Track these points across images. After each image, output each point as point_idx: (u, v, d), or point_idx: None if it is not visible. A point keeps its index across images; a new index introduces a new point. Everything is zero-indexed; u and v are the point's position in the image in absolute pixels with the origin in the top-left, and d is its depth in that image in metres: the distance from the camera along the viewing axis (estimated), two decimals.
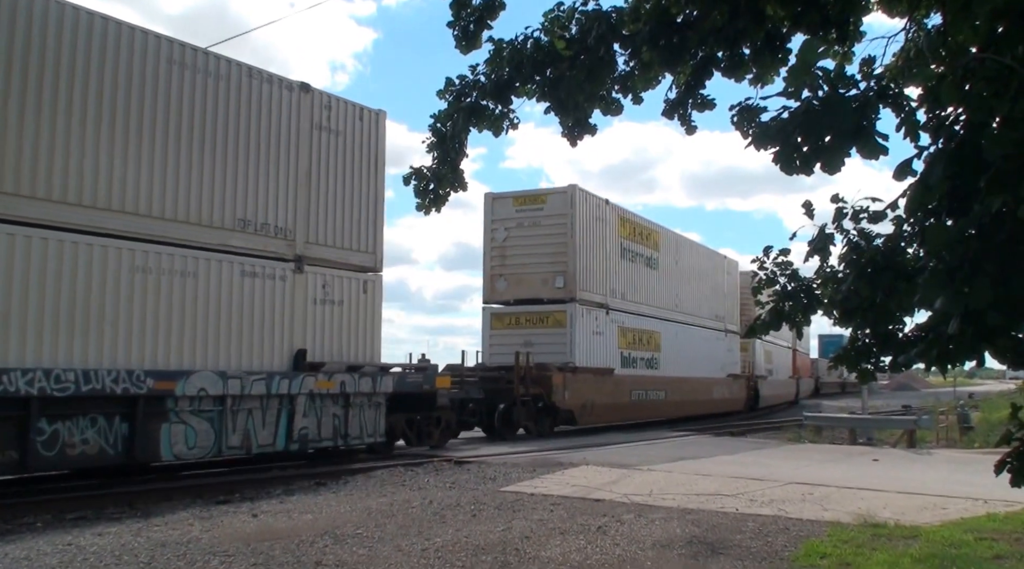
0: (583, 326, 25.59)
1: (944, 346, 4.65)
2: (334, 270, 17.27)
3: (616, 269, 28.14)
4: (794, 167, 5.39)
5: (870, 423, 26.48)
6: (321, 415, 15.99)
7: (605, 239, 27.46)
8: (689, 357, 33.51)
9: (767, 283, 7.88)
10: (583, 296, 25.64)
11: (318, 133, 17.05)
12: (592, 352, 26.17)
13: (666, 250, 32.61)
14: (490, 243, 26.60)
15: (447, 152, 8.71)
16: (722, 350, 38.27)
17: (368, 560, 8.31)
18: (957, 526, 10.04)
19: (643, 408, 29.46)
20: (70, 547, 8.74)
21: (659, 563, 8.35)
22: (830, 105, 5.19)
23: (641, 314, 29.97)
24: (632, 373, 28.76)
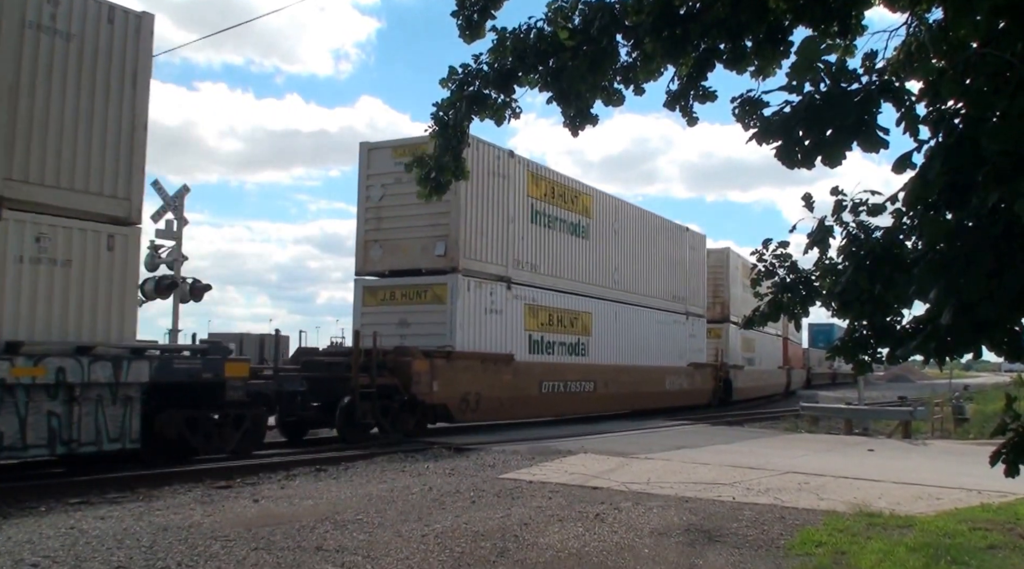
0: (470, 302, 21.21)
1: (942, 339, 4.69)
2: (58, 219, 12.97)
3: (524, 236, 23.63)
4: (795, 161, 5.43)
5: (866, 414, 26.58)
6: (26, 414, 11.79)
7: (508, 199, 22.95)
8: (633, 343, 29.37)
9: (766, 275, 7.92)
10: (470, 266, 21.27)
11: (34, 34, 12.77)
12: (484, 334, 21.76)
13: (601, 217, 28.00)
14: (364, 203, 22.51)
15: (449, 140, 8.76)
16: (681, 335, 33.68)
17: (368, 545, 8.37)
18: (951, 516, 10.12)
19: (561, 402, 25.08)
20: (72, 531, 8.80)
21: (656, 550, 8.42)
22: (832, 99, 5.22)
23: (562, 291, 25.46)
24: (546, 361, 24.28)
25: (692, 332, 34.83)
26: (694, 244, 36.05)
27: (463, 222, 21.14)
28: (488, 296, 22.00)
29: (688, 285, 34.77)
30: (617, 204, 29.69)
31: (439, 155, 9.00)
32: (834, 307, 6.98)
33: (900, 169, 5.20)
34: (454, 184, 17.68)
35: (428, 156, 9.18)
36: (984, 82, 4.40)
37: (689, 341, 34.44)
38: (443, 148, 8.92)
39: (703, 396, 35.18)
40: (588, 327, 26.76)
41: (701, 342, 36.02)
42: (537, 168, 24.97)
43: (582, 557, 8.13)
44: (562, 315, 25.44)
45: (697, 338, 35.52)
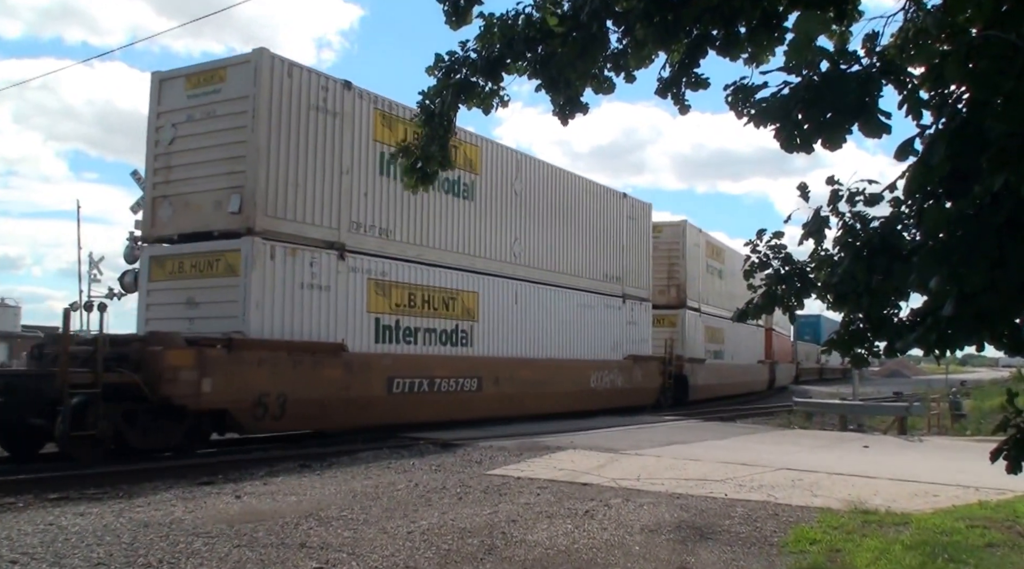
0: (274, 275, 16.22)
1: (942, 331, 4.55)
2: None
3: (368, 192, 18.73)
4: (794, 145, 5.28)
5: (861, 410, 26.45)
6: None
7: (343, 143, 18.09)
8: (543, 331, 24.50)
9: (760, 266, 7.78)
10: (275, 227, 16.36)
11: None
12: (301, 317, 16.79)
13: (495, 174, 23.04)
14: (153, 149, 17.60)
15: (435, 129, 8.59)
16: (616, 323, 28.44)
17: (353, 542, 8.21)
18: (948, 514, 9.98)
19: (424, 404, 19.59)
20: (51, 527, 8.61)
21: (647, 548, 8.27)
22: (832, 81, 5.07)
23: (432, 264, 20.41)
24: (401, 352, 19.24)
25: (632, 319, 29.60)
26: (635, 214, 30.37)
27: (264, 169, 16.18)
28: (307, 267, 16.93)
29: (626, 263, 29.43)
30: (521, 159, 24.41)
31: (425, 144, 8.83)
32: (830, 299, 6.83)
33: (902, 156, 5.06)
34: (253, 118, 16.26)
35: (414, 145, 9.02)
36: (988, 64, 4.24)
37: (627, 329, 29.17)
38: (429, 137, 8.74)
39: (646, 395, 29.90)
40: (473, 310, 21.60)
41: (644, 331, 30.53)
42: (392, 106, 19.49)
43: (571, 554, 7.98)
44: (431, 294, 20.27)
45: (639, 326, 30.09)
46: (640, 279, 30.61)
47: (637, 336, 29.98)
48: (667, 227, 35.12)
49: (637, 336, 29.98)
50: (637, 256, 30.49)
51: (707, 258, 37.93)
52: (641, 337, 30.29)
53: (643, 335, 30.49)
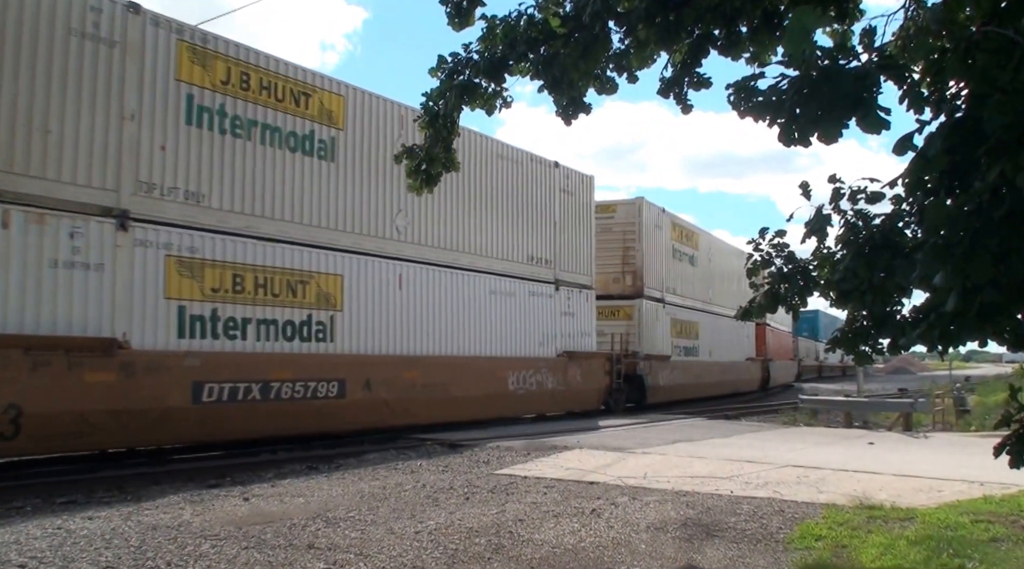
0: (8, 248, 12.50)
1: (945, 326, 4.58)
2: None
3: (164, 142, 14.74)
4: (792, 138, 5.31)
5: (866, 406, 26.43)
6: None
7: (120, 81, 14.15)
8: (441, 322, 20.26)
9: (763, 264, 7.81)
10: (11, 185, 12.61)
11: None
12: (52, 304, 12.95)
13: (366, 130, 18.73)
14: None
15: (439, 131, 8.63)
16: (546, 313, 24.13)
17: (361, 543, 8.24)
18: (953, 509, 9.99)
19: (252, 417, 15.44)
20: (60, 531, 8.65)
21: (653, 545, 8.30)
22: (828, 75, 5.10)
23: (267, 237, 16.32)
24: (222, 349, 15.25)
25: (569, 309, 25.13)
26: (570, 187, 25.91)
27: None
28: (63, 240, 13.08)
29: (560, 243, 25.06)
30: (406, 114, 19.37)
31: (429, 146, 8.86)
32: (833, 297, 6.87)
33: (901, 150, 5.09)
34: None
35: (418, 147, 9.05)
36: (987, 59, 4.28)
37: (562, 322, 24.75)
38: (433, 139, 8.77)
39: (587, 398, 25.81)
40: (333, 297, 17.54)
41: (586, 323, 26.02)
42: (206, 39, 15.64)
43: (578, 553, 8.00)
44: (270, 277, 16.20)
45: (578, 318, 25.62)
46: (578, 263, 25.95)
47: (576, 329, 25.38)
48: (621, 206, 30.84)
49: (576, 329, 25.38)
50: (574, 236, 25.89)
51: (673, 242, 33.69)
52: (581, 330, 25.65)
53: (584, 328, 25.81)
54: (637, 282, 30.34)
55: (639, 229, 30.53)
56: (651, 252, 31.26)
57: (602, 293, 28.53)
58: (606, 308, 29.13)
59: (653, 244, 31.52)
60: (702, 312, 36.47)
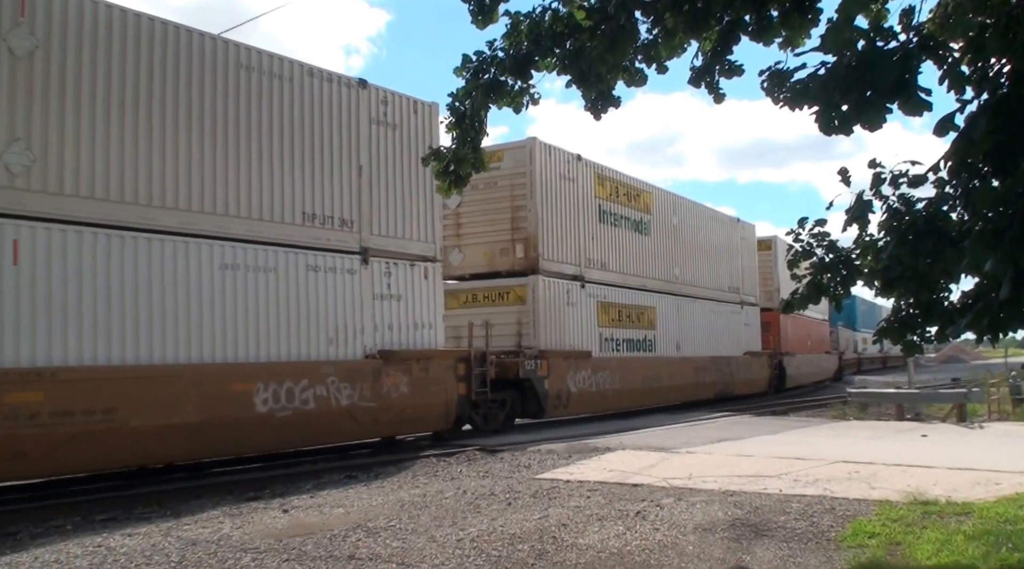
0: None
1: (995, 314, 4.39)
2: None
3: None
4: (832, 127, 5.13)
5: (918, 398, 25.95)
6: None
7: None
8: (107, 312, 12.91)
9: (804, 255, 7.63)
10: None
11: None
12: None
13: None
14: None
15: (466, 131, 8.50)
16: (346, 295, 16.70)
17: (402, 552, 8.14)
18: (1012, 502, 9.68)
19: None
20: (100, 549, 8.65)
21: (701, 547, 8.11)
22: (870, 59, 4.93)
23: None
24: None
25: (388, 290, 17.64)
26: (392, 117, 18.24)
27: None
28: None
29: (373, 198, 17.58)
30: None
31: (457, 147, 8.73)
32: (877, 285, 6.67)
33: (942, 132, 4.89)
34: None
35: (445, 148, 8.93)
36: None
37: (376, 308, 17.27)
38: (461, 139, 8.65)
39: (423, 416, 18.02)
40: None
41: (426, 310, 18.46)
42: None
43: (623, 557, 7.84)
44: None
45: (409, 302, 18.09)
46: (409, 225, 18.32)
47: (404, 319, 17.87)
48: (509, 153, 22.80)
49: (404, 319, 17.87)
50: (403, 188, 18.32)
51: (601, 200, 25.53)
52: (415, 321, 18.13)
53: (420, 317, 18.24)
54: (530, 253, 22.21)
55: (531, 182, 22.41)
56: (555, 213, 23.22)
57: (486, 270, 22.75)
58: (491, 290, 22.62)
59: (560, 202, 23.48)
60: (661, 295, 28.28)
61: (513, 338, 22.02)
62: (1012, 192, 4.30)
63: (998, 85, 4.80)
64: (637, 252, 27.43)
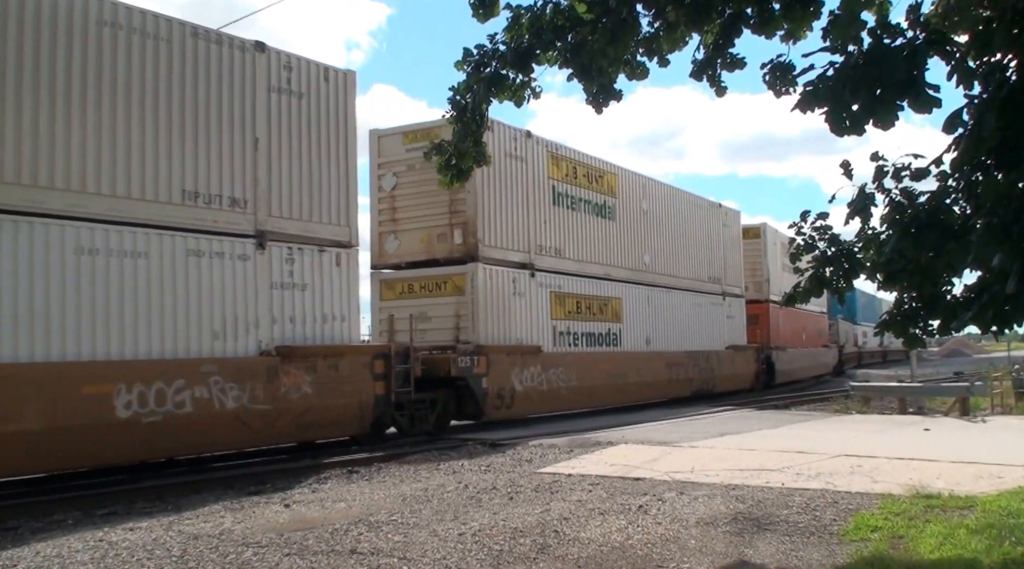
0: None
1: (1000, 307, 4.38)
2: None
3: None
4: (844, 127, 5.12)
5: (920, 391, 25.91)
6: None
7: None
8: None
9: (806, 249, 7.61)
10: None
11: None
12: None
13: None
14: None
15: (468, 125, 8.49)
16: (236, 282, 14.90)
17: (404, 546, 8.14)
18: (1015, 495, 9.66)
19: None
20: (101, 543, 8.65)
21: (703, 541, 8.10)
22: (878, 57, 4.91)
23: None
24: None
25: (288, 278, 15.79)
26: (288, 83, 16.15)
27: None
28: None
29: (269, 169, 15.69)
30: None
31: (458, 141, 8.72)
32: (879, 279, 6.65)
33: (951, 128, 4.90)
34: None
35: (447, 142, 8.92)
36: None
37: (272, 299, 15.45)
38: (462, 133, 8.63)
39: (331, 421, 16.18)
40: None
41: (335, 300, 16.64)
42: None
43: (626, 551, 7.83)
44: None
45: (317, 291, 16.28)
46: (313, 207, 16.32)
47: (308, 311, 15.95)
48: (447, 128, 14.93)
49: (308, 311, 15.95)
50: (295, 161, 16.13)
51: (556, 182, 23.51)
52: (323, 313, 16.22)
53: (331, 310, 16.38)
54: (469, 239, 20.23)
55: None
56: (500, 195, 21.21)
57: (424, 258, 20.86)
58: (428, 279, 20.78)
59: (506, 183, 21.42)
60: (628, 285, 26.35)
61: (451, 332, 20.20)
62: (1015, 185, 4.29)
63: (1005, 80, 4.78)
64: (600, 238, 25.32)
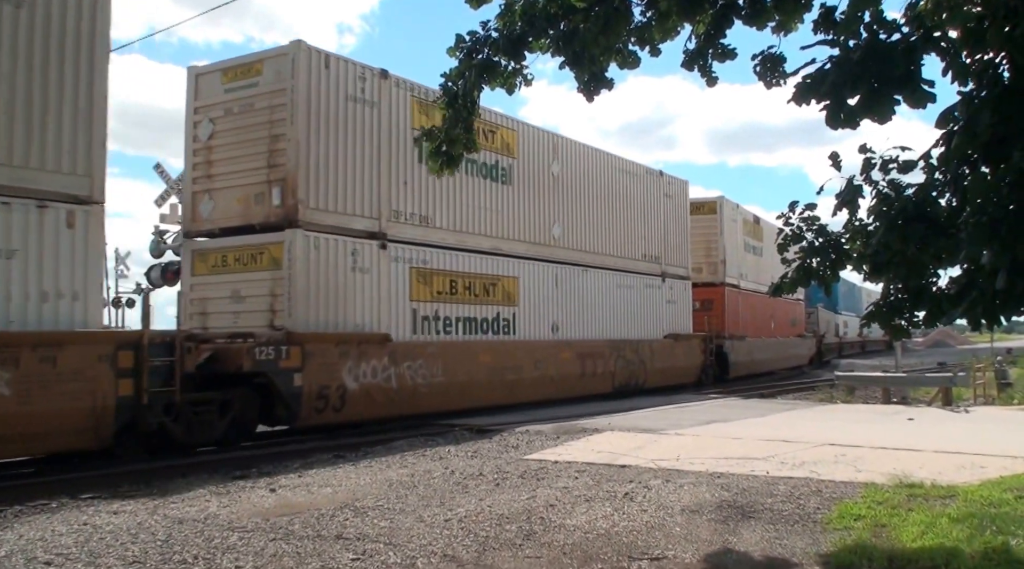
0: None
1: (989, 301, 4.42)
2: None
3: None
4: (840, 121, 5.15)
5: (904, 382, 26.10)
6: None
7: None
8: None
9: (793, 239, 7.64)
10: None
11: None
12: None
13: None
14: None
15: (459, 111, 8.50)
16: None
17: (390, 532, 8.15)
18: (996, 485, 9.76)
19: None
20: (86, 527, 8.62)
21: (688, 528, 8.15)
22: (877, 52, 4.95)
23: None
24: None
25: None
26: None
27: None
28: None
29: None
30: None
31: (449, 127, 8.72)
32: (866, 270, 6.69)
33: (944, 123, 4.94)
34: None
35: (438, 129, 8.92)
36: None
37: None
38: (453, 120, 8.64)
39: None
40: None
41: (67, 278, 12.57)
42: None
43: (611, 537, 7.87)
44: None
45: (25, 262, 12.12)
46: (27, 150, 12.29)
47: (22, 286, 12.06)
48: (270, 62, 16.88)
49: (22, 286, 12.06)
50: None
51: (418, 130, 16.28)
52: (47, 289, 12.31)
53: (55, 284, 12.40)
54: (288, 199, 16.17)
55: (294, 102, 16.28)
56: (336, 146, 17.08)
57: (240, 223, 16.92)
58: (243, 250, 16.80)
59: (346, 133, 17.33)
60: (529, 262, 22.32)
61: (267, 315, 16.22)
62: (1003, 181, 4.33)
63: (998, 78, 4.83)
64: (489, 206, 21.20)
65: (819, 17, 6.62)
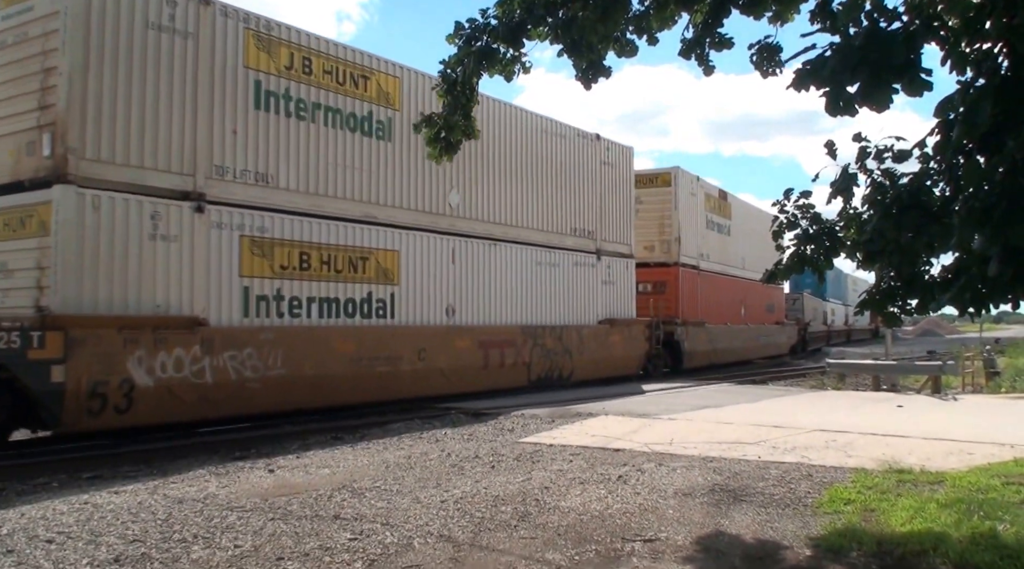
0: None
1: (977, 289, 4.50)
2: None
3: None
4: (839, 108, 5.22)
5: (894, 369, 26.25)
6: None
7: None
8: None
9: (788, 226, 7.72)
10: None
11: None
12: None
13: None
14: None
15: (458, 98, 8.55)
16: None
17: (387, 512, 8.24)
18: (984, 471, 9.88)
19: None
20: (87, 506, 8.71)
21: (681, 511, 8.26)
22: (878, 40, 5.00)
23: None
24: None
25: None
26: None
27: None
28: None
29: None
30: None
31: (448, 114, 8.78)
32: (859, 258, 6.77)
33: (942, 113, 5.00)
34: None
35: (437, 115, 8.97)
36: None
37: None
38: (452, 107, 8.69)
39: None
40: None
41: None
42: None
43: (605, 519, 7.97)
44: None
45: None
46: None
47: None
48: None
49: None
50: None
51: (265, 74, 15.75)
52: None
53: None
54: (59, 148, 12.76)
55: (68, 27, 12.79)
56: (129, 83, 13.69)
57: (9, 180, 13.38)
58: (9, 213, 13.30)
59: (147, 67, 13.90)
60: (414, 233, 18.86)
61: (35, 292, 12.75)
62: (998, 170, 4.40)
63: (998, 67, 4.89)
64: (360, 165, 17.70)
65: (816, 7, 6.70)
